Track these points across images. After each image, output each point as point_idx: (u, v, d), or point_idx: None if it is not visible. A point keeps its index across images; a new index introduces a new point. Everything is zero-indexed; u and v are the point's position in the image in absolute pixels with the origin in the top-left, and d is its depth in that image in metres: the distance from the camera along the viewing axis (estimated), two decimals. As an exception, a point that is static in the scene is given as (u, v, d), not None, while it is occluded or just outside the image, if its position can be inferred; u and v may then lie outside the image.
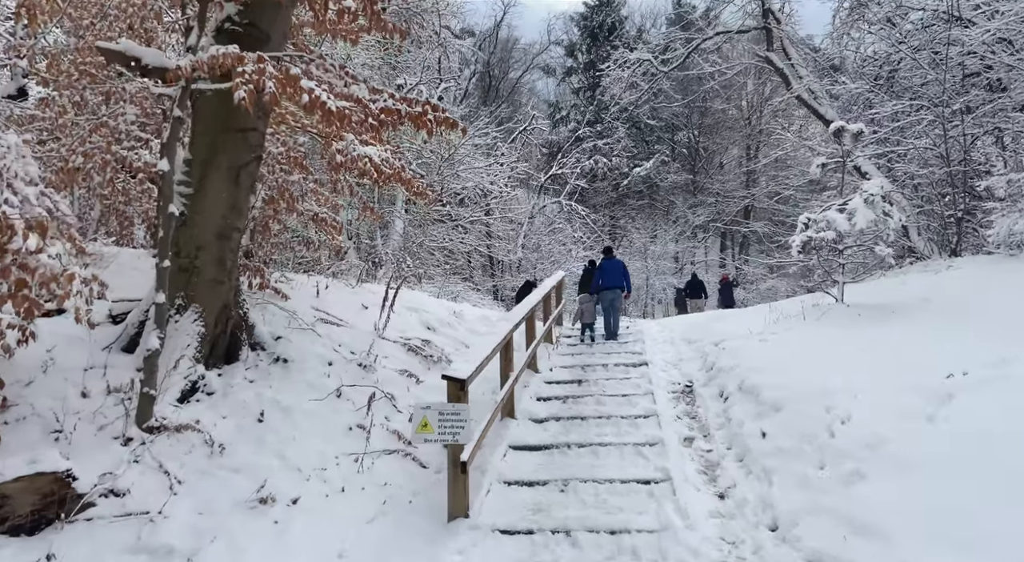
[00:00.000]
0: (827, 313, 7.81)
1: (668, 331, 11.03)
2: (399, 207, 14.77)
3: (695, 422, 6.45)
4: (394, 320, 7.89)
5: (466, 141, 17.32)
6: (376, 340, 7.06)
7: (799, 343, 6.86)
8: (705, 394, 6.95)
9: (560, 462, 5.57)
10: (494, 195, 20.45)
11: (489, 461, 5.46)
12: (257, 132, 6.13)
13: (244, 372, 6.05)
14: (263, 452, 5.13)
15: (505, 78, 38.20)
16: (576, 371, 8.70)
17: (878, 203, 7.66)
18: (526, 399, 7.28)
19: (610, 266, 11.49)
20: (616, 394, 7.37)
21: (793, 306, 8.77)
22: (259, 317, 6.56)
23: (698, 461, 5.52)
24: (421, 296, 9.90)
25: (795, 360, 6.21)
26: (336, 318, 7.24)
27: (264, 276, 6.88)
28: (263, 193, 6.60)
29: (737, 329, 8.52)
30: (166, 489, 4.62)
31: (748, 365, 6.58)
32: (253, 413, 5.52)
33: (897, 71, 12.57)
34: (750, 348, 7.13)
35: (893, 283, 9.36)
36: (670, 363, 8.79)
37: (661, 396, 7.17)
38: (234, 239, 6.12)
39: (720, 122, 36.10)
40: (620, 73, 17.98)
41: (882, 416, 4.56)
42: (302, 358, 6.28)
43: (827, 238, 7.86)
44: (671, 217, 34.95)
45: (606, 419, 6.55)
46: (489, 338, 5.74)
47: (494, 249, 23.02)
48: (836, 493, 4.12)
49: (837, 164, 9.60)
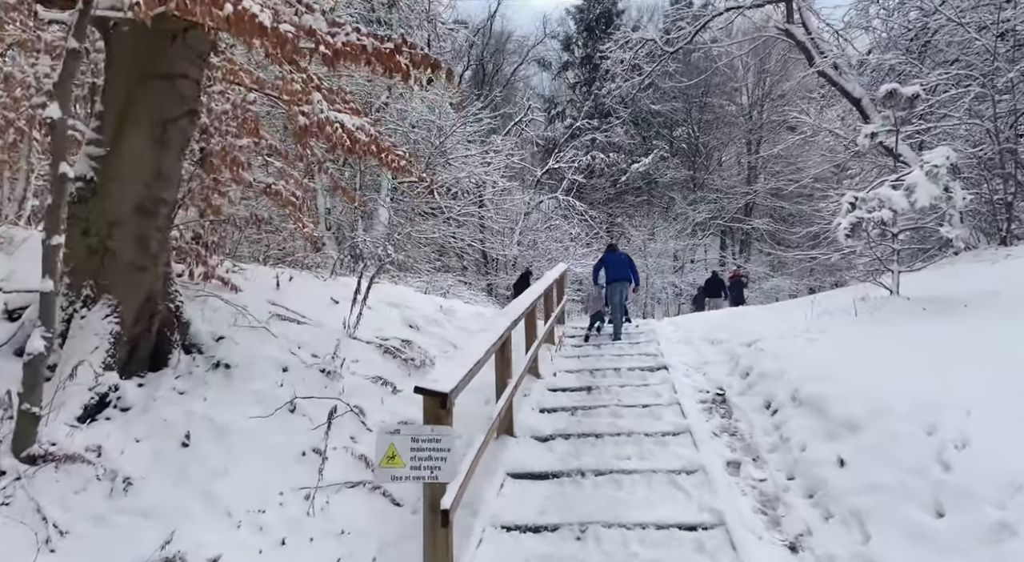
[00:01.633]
0: (883, 307, 6.61)
1: (683, 330, 9.80)
2: (384, 195, 13.52)
3: (737, 441, 5.23)
4: (370, 317, 6.65)
5: (457, 128, 16.09)
6: (345, 340, 5.81)
7: (860, 343, 5.65)
8: (744, 405, 5.72)
9: (573, 496, 4.34)
10: (488, 187, 19.22)
11: (482, 496, 4.22)
12: (189, 80, 4.88)
13: (173, 381, 4.80)
14: (183, 488, 3.88)
15: (499, 72, 37.02)
16: (584, 376, 7.47)
17: (942, 176, 6.46)
18: (526, 410, 6.04)
19: (614, 259, 10.30)
20: (635, 404, 6.15)
21: (836, 300, 7.57)
22: (197, 313, 5.31)
23: (751, 495, 4.29)
24: (406, 291, 8.66)
25: (862, 364, 4.99)
26: (297, 314, 5.99)
27: (208, 263, 5.62)
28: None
29: (771, 328, 7.31)
30: (38, 545, 3.37)
31: (801, 370, 5.36)
32: (177, 435, 4.27)
33: (930, 43, 11.40)
34: (798, 350, 5.92)
35: (945, 274, 8.18)
36: (692, 367, 7.57)
37: (690, 407, 5.95)
38: (161, 214, 4.87)
39: (720, 117, 35.15)
40: (622, 54, 16.77)
41: (1016, 440, 3.35)
42: (249, 363, 5.02)
43: (882, 219, 6.66)
44: (671, 214, 33.86)
45: (626, 436, 5.32)
46: (482, 337, 4.50)
47: (488, 245, 21.81)
48: (975, 555, 2.90)
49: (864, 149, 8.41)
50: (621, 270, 10.07)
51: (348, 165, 13.40)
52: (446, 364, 3.67)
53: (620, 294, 9.97)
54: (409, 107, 14.26)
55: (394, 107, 13.92)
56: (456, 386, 3.29)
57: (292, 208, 6.45)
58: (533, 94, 39.27)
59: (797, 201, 30.57)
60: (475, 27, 35.64)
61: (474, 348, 4.05)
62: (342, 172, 13.00)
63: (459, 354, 4.00)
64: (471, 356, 3.86)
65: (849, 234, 6.86)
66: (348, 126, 6.29)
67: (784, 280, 30.48)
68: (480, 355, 3.96)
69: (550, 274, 9.52)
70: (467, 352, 3.97)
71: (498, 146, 18.11)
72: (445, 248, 19.08)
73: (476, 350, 4.01)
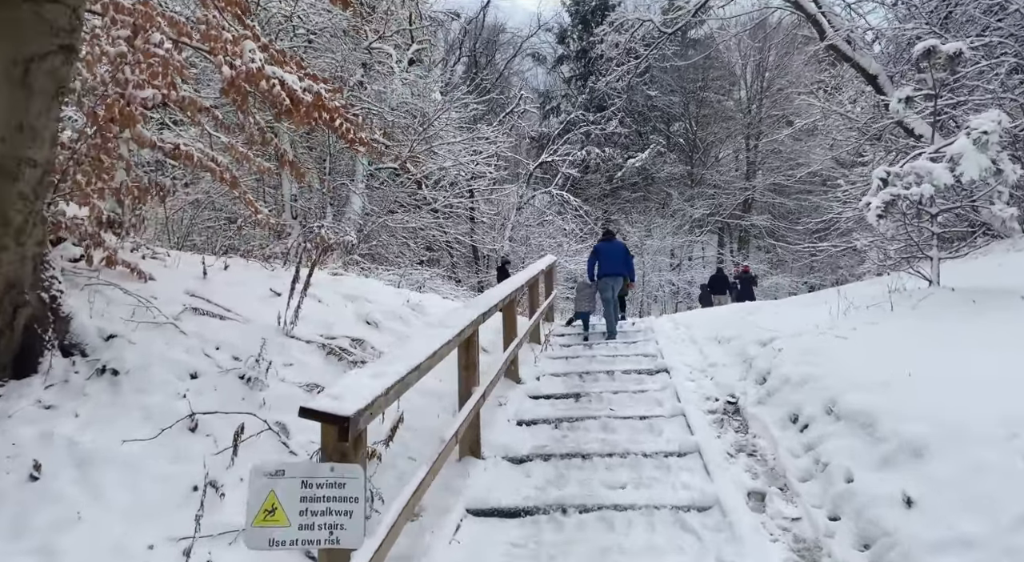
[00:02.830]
0: (924, 299, 5.60)
1: (685, 328, 8.79)
2: (359, 182, 12.45)
3: (757, 463, 4.21)
4: (318, 312, 5.62)
5: (442, 113, 15.04)
6: (278, 339, 4.78)
7: (905, 342, 4.64)
8: (764, 417, 4.71)
9: (552, 543, 3.31)
10: (477, 178, 18.16)
11: (427, 547, 3.18)
12: (61, 6, 3.82)
13: (41, 392, 3.75)
14: (15, 543, 2.85)
15: (491, 63, 36.03)
16: (572, 381, 6.45)
17: (992, 145, 5.46)
18: (500, 423, 5.02)
19: (609, 250, 9.29)
20: (631, 416, 5.14)
21: (863, 292, 6.55)
22: (84, 305, 4.26)
23: (784, 541, 3.27)
24: (371, 284, 7.61)
25: (916, 368, 3.97)
26: (222, 308, 4.95)
27: (107, 245, 4.58)
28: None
29: (788, 324, 6.30)
30: None
31: (837, 375, 4.34)
32: (24, 464, 3.23)
33: (951, 16, 10.40)
34: (829, 351, 4.90)
35: (984, 264, 7.19)
36: (698, 370, 6.56)
37: (697, 419, 4.94)
38: (26, 179, 3.81)
39: (718, 112, 34.29)
40: (616, 37, 15.75)
41: None
42: (144, 368, 3.98)
43: (921, 195, 5.65)
44: (667, 210, 32.93)
45: (620, 457, 4.31)
46: (431, 334, 3.46)
47: (478, 240, 20.79)
48: None
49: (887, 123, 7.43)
50: (614, 264, 9.08)
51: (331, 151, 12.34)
52: (365, 370, 2.65)
53: (612, 289, 8.98)
54: (389, 89, 13.21)
55: (372, 88, 12.88)
56: (369, 406, 2.25)
57: (224, 181, 5.40)
58: (528, 88, 38.32)
59: (797, 197, 29.90)
60: (467, 18, 34.66)
61: (414, 349, 3.02)
62: (311, 152, 11.96)
63: (392, 355, 2.96)
64: (407, 359, 2.83)
65: (883, 214, 5.85)
66: (289, 83, 5.28)
67: (784, 278, 29.83)
68: (421, 358, 2.92)
69: (536, 264, 8.49)
70: (402, 353, 2.93)
71: (486, 134, 17.05)
72: (433, 244, 18.04)
73: (416, 351, 2.98)
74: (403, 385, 2.66)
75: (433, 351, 3.11)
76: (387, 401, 2.48)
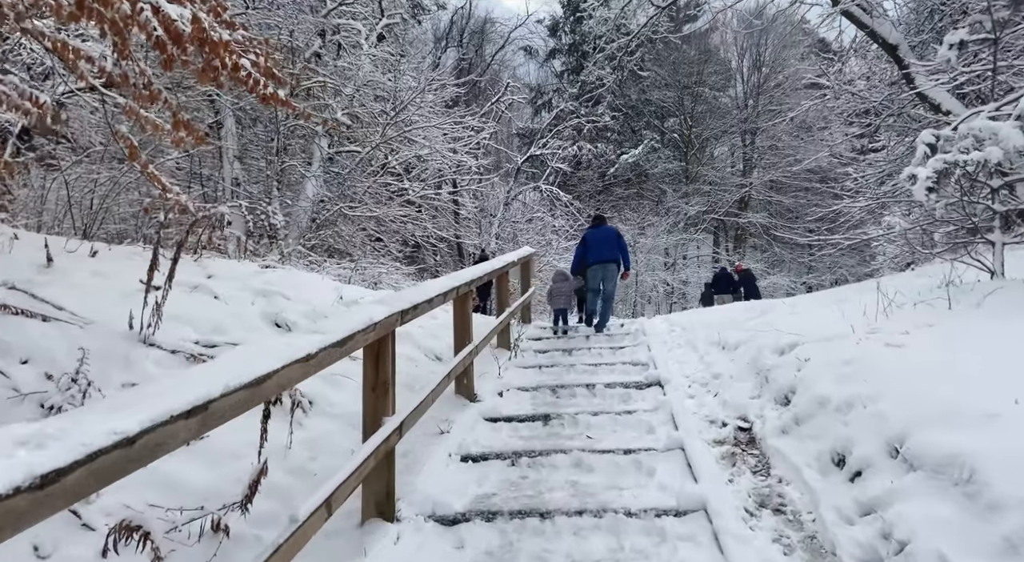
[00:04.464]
0: (989, 294, 4.33)
1: (682, 330, 7.51)
2: (316, 167, 11.11)
3: (788, 526, 2.94)
4: (203, 311, 4.33)
5: (417, 96, 13.73)
6: (128, 348, 3.49)
7: (984, 351, 3.37)
8: (792, 453, 3.43)
9: None
10: (460, 171, 16.87)
11: None
12: None
13: None
14: None
15: (479, 53, 34.86)
16: (543, 397, 5.16)
17: (1079, 97, 4.22)
18: (437, 460, 3.73)
19: (598, 236, 8.07)
20: (613, 448, 3.85)
21: (904, 285, 5.27)
22: None
23: None
24: (301, 277, 6.31)
25: (1013, 387, 2.71)
26: (52, 305, 3.64)
27: None
28: None
29: (812, 326, 5.03)
30: None
31: (898, 399, 3.07)
32: None
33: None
34: (879, 362, 3.62)
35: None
36: (698, 383, 5.29)
37: (701, 456, 3.65)
38: None
39: (713, 108, 33.24)
40: (606, 12, 14.51)
41: None
42: None
43: (986, 160, 4.39)
44: (662, 208, 31.80)
45: (594, 517, 3.02)
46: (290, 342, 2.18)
47: (463, 237, 19.54)
48: None
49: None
50: (604, 249, 7.85)
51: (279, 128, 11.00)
52: (99, 405, 1.37)
53: (602, 280, 7.76)
54: (355, 66, 11.91)
55: (334, 63, 11.56)
56: None
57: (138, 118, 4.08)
58: (519, 82, 37.19)
59: (795, 194, 29.09)
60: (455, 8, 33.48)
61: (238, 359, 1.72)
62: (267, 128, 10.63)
63: (193, 375, 1.68)
64: (213, 381, 1.54)
65: (933, 188, 4.59)
66: (165, 9, 3.98)
67: (782, 278, 29.01)
68: (249, 378, 1.63)
69: (507, 255, 7.21)
70: (215, 368, 1.65)
71: (469, 122, 15.76)
72: (409, 240, 16.74)
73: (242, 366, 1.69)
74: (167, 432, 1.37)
75: (240, 384, 1.80)
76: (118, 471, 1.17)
